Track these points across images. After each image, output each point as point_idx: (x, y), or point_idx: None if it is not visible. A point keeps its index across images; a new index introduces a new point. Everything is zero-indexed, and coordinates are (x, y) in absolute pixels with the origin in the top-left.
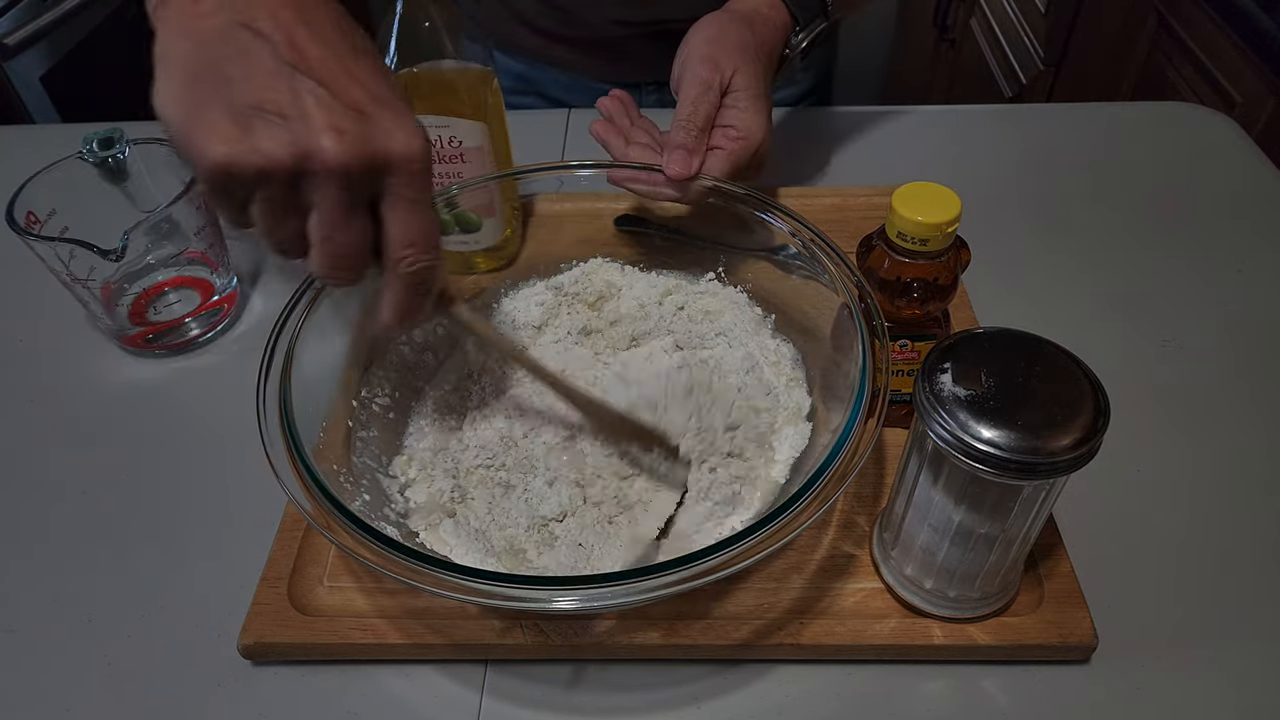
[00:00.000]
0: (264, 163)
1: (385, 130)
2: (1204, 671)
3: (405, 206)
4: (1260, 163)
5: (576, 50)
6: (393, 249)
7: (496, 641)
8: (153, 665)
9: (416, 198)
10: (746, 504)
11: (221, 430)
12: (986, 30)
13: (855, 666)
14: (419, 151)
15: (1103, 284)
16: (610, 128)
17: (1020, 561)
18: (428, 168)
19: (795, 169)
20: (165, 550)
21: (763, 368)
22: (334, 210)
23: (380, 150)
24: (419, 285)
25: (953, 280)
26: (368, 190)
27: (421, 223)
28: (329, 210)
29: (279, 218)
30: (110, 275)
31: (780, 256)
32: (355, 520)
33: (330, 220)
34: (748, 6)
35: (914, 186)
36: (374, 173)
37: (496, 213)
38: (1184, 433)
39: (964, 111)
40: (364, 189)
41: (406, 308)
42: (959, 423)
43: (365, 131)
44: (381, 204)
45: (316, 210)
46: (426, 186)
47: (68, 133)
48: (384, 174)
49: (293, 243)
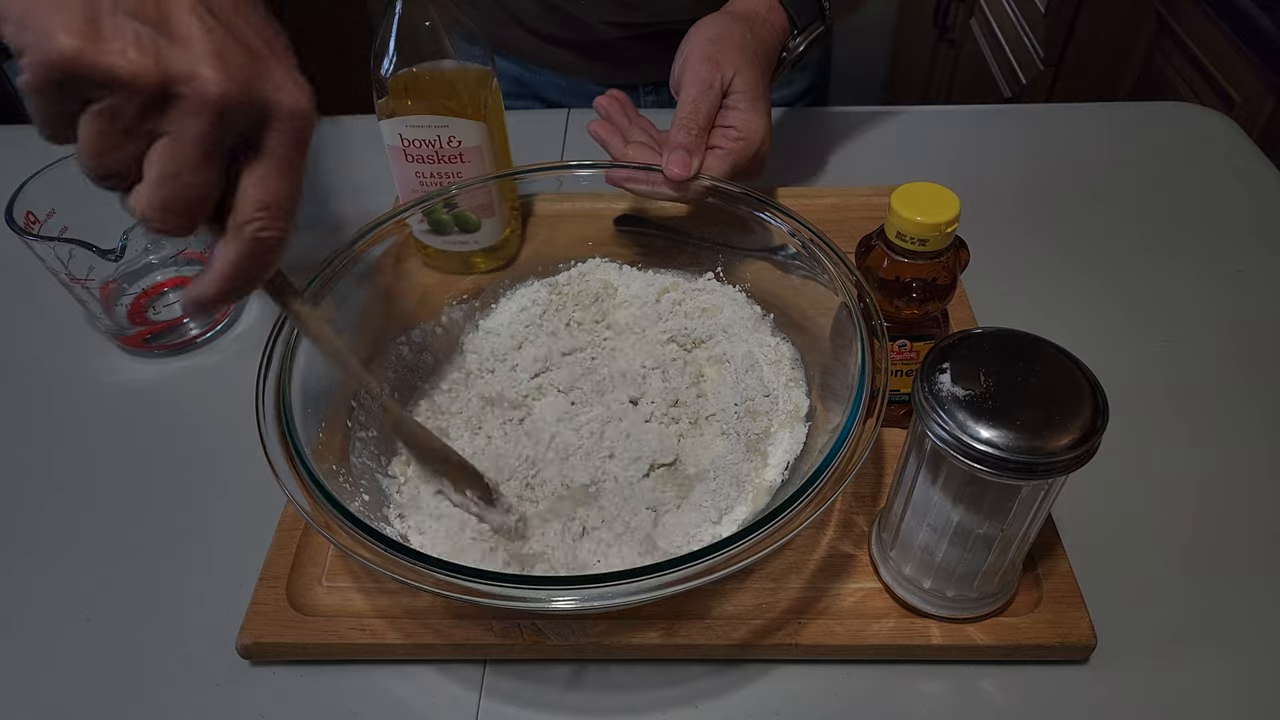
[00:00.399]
0: (126, 68)
1: (275, 77)
2: (1203, 671)
3: (274, 165)
4: (1260, 163)
5: (574, 53)
6: (245, 208)
7: (495, 641)
8: (152, 665)
9: (290, 158)
10: (737, 511)
11: (220, 430)
12: (986, 30)
13: (854, 666)
14: (305, 109)
15: (1102, 284)
16: (608, 127)
17: (1019, 561)
18: (309, 129)
19: (795, 169)
20: (164, 550)
21: (762, 366)
22: (192, 146)
23: (266, 95)
24: (261, 256)
25: (952, 280)
26: (233, 136)
27: (286, 186)
28: (185, 144)
29: (116, 139)
30: (109, 275)
31: (779, 256)
32: (354, 520)
33: (182, 157)
34: (746, 8)
35: (913, 186)
36: (250, 119)
37: (496, 213)
38: (1183, 433)
39: (964, 111)
40: (232, 132)
41: (238, 276)
42: (958, 422)
43: (254, 70)
44: (246, 157)
45: (168, 141)
46: (302, 148)
47: None
48: (261, 125)
49: (123, 172)
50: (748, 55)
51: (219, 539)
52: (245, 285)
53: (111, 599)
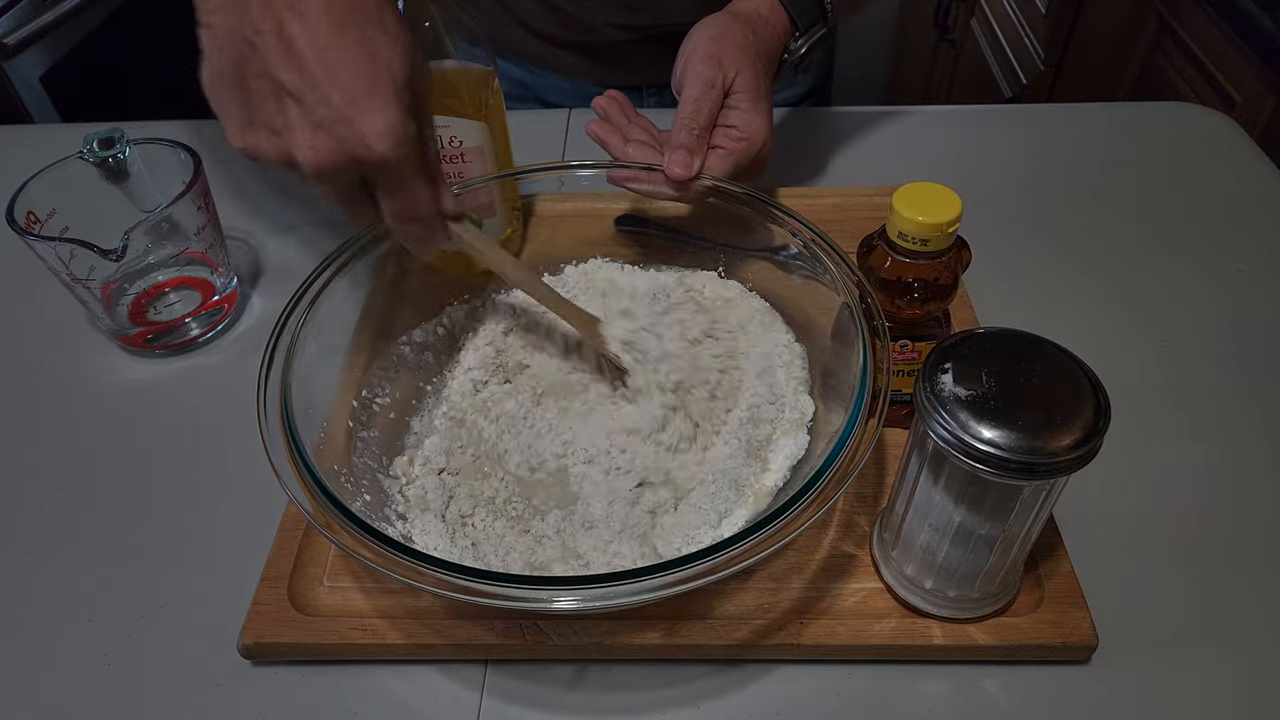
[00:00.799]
0: (267, 158)
1: (356, 134)
2: (1204, 671)
3: (386, 191)
4: (1260, 163)
5: (576, 55)
6: (385, 218)
7: (497, 641)
8: (153, 665)
9: (393, 185)
10: (736, 515)
11: (222, 430)
12: (986, 30)
13: (855, 666)
14: (387, 152)
15: (1103, 284)
16: (608, 127)
17: (1020, 562)
18: (399, 161)
19: (796, 169)
20: (165, 550)
21: (776, 370)
22: (332, 197)
23: (351, 154)
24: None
25: (953, 280)
26: (356, 179)
27: (403, 202)
28: (329, 197)
29: (342, 196)
30: (110, 275)
31: (781, 256)
32: (356, 520)
33: (335, 205)
34: (748, 9)
35: (914, 186)
36: (354, 169)
37: (497, 213)
38: (1184, 432)
39: (964, 111)
40: (351, 178)
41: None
42: (959, 423)
43: (335, 142)
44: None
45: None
46: (401, 174)
47: (68, 133)
48: (364, 169)
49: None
50: (749, 56)
51: (220, 539)
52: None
53: (113, 599)
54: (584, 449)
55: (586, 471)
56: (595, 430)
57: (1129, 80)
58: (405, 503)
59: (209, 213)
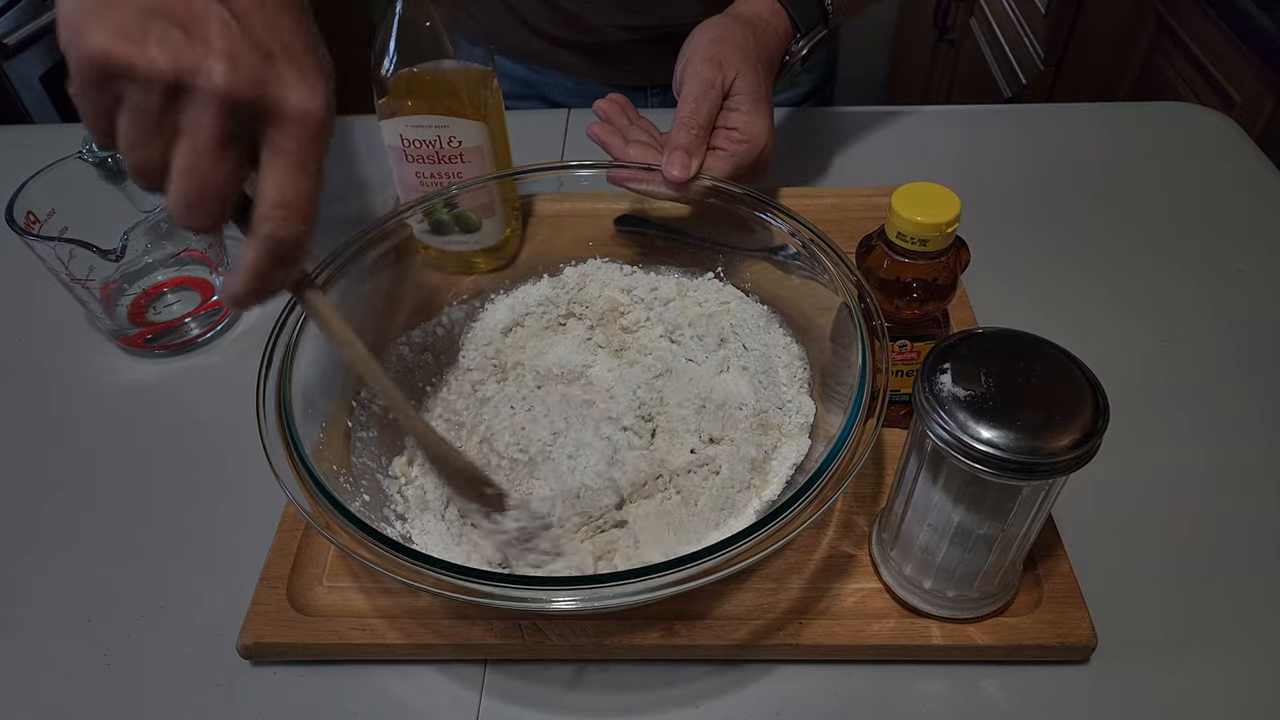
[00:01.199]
0: (144, 62)
1: (285, 78)
2: (1203, 671)
3: (285, 163)
4: (1260, 163)
5: (580, 54)
6: (262, 205)
7: (496, 641)
8: (152, 665)
9: (300, 157)
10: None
11: (221, 430)
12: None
13: (854, 667)
14: (316, 109)
15: (1102, 284)
16: (608, 128)
17: (1019, 562)
18: (321, 130)
19: (795, 169)
20: (165, 550)
21: (777, 370)
22: (204, 138)
23: (272, 93)
24: (280, 253)
25: (952, 280)
26: (248, 132)
27: (300, 185)
28: (199, 137)
29: (145, 134)
30: (110, 275)
31: (780, 256)
32: (355, 520)
33: (199, 149)
34: (749, 11)
35: (913, 186)
36: (260, 115)
37: (496, 213)
38: (1183, 433)
39: (964, 111)
40: (244, 128)
41: (259, 275)
42: (958, 423)
43: (263, 69)
44: (261, 156)
45: (186, 136)
46: (314, 150)
47: (67, 133)
48: (271, 122)
49: (154, 168)
50: (750, 58)
51: (220, 539)
52: (270, 282)
53: (113, 599)
54: (574, 441)
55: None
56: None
57: (1129, 80)
58: (404, 503)
59: None
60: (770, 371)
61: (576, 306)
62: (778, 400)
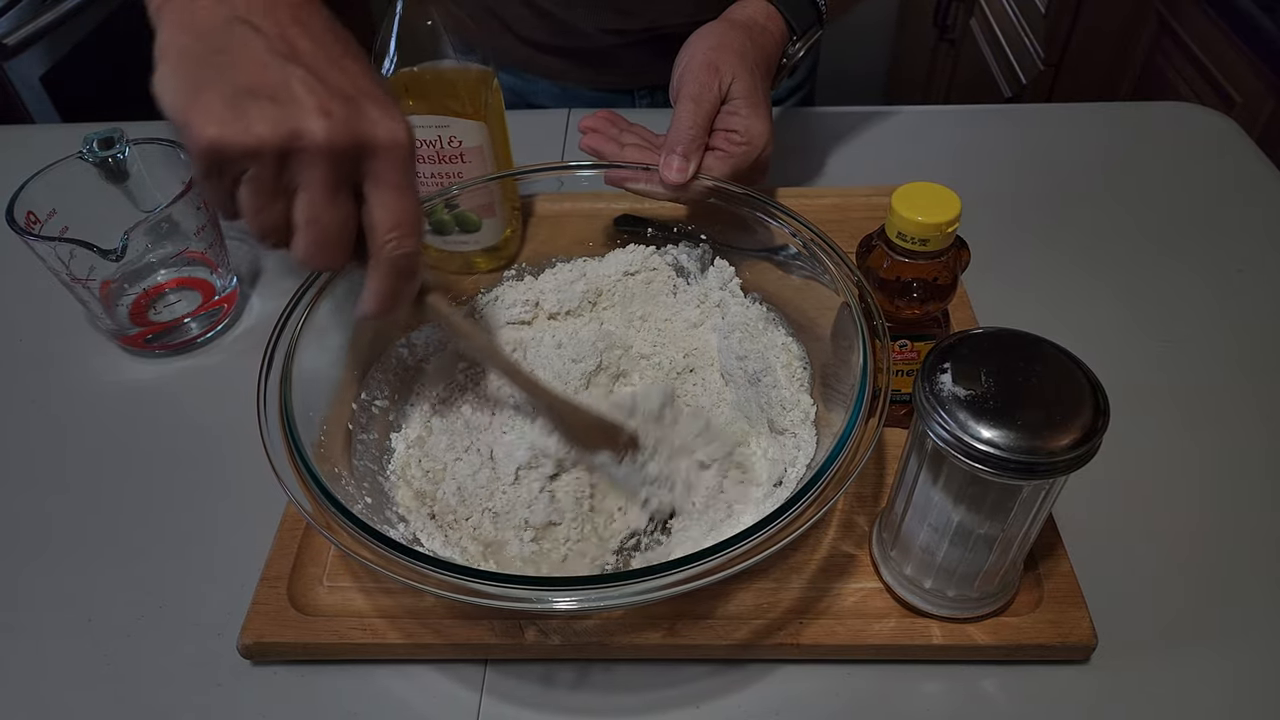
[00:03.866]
0: (254, 141)
1: (371, 116)
2: (1204, 671)
3: (390, 190)
4: (1260, 163)
5: (566, 59)
6: (378, 232)
7: (496, 641)
8: (153, 665)
9: (401, 183)
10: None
11: (221, 430)
12: (986, 30)
13: (855, 666)
14: (404, 138)
15: (1102, 284)
16: (600, 136)
17: (1019, 561)
18: (411, 154)
19: (795, 169)
20: (165, 550)
21: (777, 370)
22: (320, 190)
23: (366, 133)
24: (403, 270)
25: (952, 280)
26: (352, 173)
27: (406, 207)
28: (315, 190)
29: (265, 200)
30: (110, 275)
31: (780, 257)
32: (355, 520)
33: (315, 200)
34: (745, 16)
35: (914, 186)
36: (359, 155)
37: (496, 213)
38: (1184, 433)
39: (964, 111)
40: (349, 170)
41: (390, 293)
42: (958, 423)
43: (352, 114)
44: (366, 190)
45: (302, 191)
46: (410, 172)
47: (68, 133)
48: (369, 158)
49: (278, 228)
50: (747, 62)
51: (220, 539)
52: (398, 299)
53: (112, 599)
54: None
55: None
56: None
57: (1129, 80)
58: (407, 505)
59: (209, 213)
60: (770, 371)
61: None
62: (778, 400)
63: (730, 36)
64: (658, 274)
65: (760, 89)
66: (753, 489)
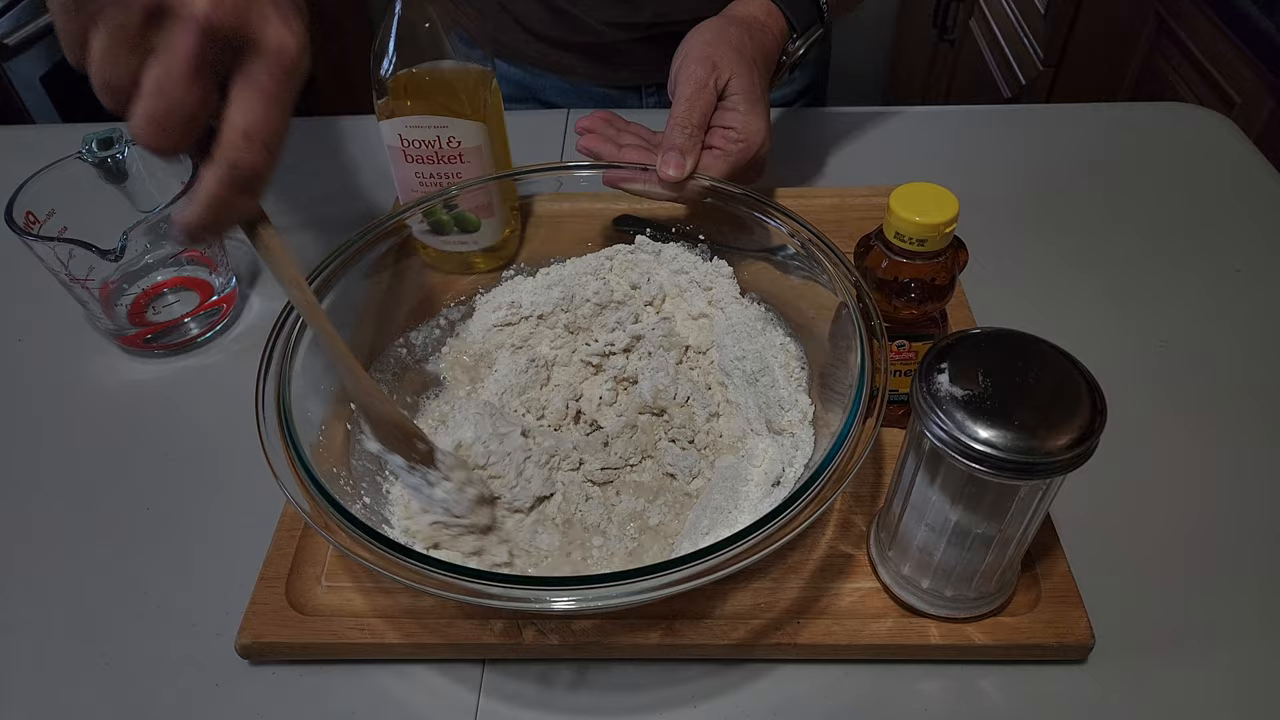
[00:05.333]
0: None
1: (265, 13)
2: (1202, 671)
3: (257, 94)
4: (1259, 163)
5: (576, 55)
6: (228, 132)
7: (494, 641)
8: (151, 665)
9: (272, 91)
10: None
11: (220, 430)
12: (986, 30)
13: (852, 666)
14: (291, 47)
15: (1100, 284)
16: (597, 138)
17: (1017, 561)
18: (295, 69)
19: (794, 169)
20: (163, 550)
21: (775, 369)
22: (180, 61)
23: (253, 26)
24: (238, 181)
25: (950, 280)
26: (224, 63)
27: (270, 116)
28: (175, 59)
29: (120, 49)
30: (109, 275)
31: (778, 257)
32: (354, 521)
33: (172, 71)
34: (745, 13)
35: (912, 187)
36: (238, 47)
37: (495, 213)
38: (1181, 433)
39: (963, 111)
40: (220, 57)
41: (217, 202)
42: (956, 423)
43: (245, 5)
44: (232, 88)
45: (162, 54)
46: (286, 87)
47: (67, 133)
48: (247, 55)
49: (123, 86)
50: (745, 58)
51: (218, 539)
52: (227, 213)
53: (111, 599)
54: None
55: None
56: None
57: (1128, 81)
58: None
59: None
60: (768, 371)
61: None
62: (776, 400)
63: (729, 32)
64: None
65: (759, 86)
66: (751, 488)
